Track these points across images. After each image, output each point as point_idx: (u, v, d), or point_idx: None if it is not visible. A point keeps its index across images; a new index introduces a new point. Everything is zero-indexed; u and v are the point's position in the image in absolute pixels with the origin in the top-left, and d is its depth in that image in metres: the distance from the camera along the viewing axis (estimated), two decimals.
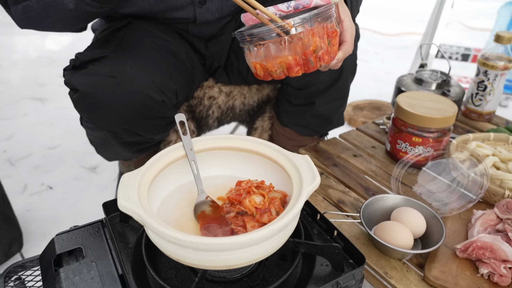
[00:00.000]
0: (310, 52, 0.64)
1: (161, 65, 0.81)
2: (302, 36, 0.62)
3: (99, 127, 0.80)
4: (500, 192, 0.73)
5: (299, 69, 0.65)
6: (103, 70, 0.74)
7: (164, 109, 0.81)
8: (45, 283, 0.56)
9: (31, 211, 1.19)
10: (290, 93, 0.97)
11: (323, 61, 0.66)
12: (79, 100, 0.76)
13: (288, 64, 0.64)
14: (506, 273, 0.60)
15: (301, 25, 0.61)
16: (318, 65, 0.66)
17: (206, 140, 0.62)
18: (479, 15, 3.30)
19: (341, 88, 0.94)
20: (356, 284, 0.54)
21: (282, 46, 0.63)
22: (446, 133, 0.87)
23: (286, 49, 0.63)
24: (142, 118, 0.79)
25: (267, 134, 1.13)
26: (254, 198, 0.53)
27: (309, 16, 0.61)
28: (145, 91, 0.76)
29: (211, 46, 0.95)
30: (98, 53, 0.77)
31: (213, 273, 0.55)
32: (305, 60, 0.64)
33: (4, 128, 1.64)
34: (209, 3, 0.85)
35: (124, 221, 0.64)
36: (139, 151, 0.92)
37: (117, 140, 0.84)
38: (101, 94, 0.74)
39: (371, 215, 0.70)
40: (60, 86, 2.05)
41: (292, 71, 0.65)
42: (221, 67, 1.00)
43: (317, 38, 0.63)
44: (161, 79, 0.79)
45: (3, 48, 2.51)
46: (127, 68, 0.75)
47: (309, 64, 0.65)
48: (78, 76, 0.75)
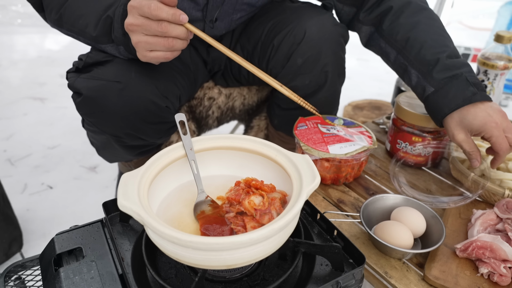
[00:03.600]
0: (341, 176, 0.82)
1: (166, 70, 0.81)
2: (341, 166, 0.79)
3: (102, 131, 0.80)
4: (500, 191, 0.73)
5: (329, 182, 0.83)
6: (107, 74, 0.74)
7: (167, 114, 0.81)
8: (45, 282, 0.56)
9: (31, 211, 1.19)
10: (279, 98, 0.98)
11: (348, 180, 0.84)
12: (82, 104, 0.75)
13: (323, 177, 0.81)
14: (506, 273, 0.60)
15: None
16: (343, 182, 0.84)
17: (206, 139, 0.62)
18: (479, 15, 3.30)
19: (328, 92, 0.92)
20: (356, 283, 0.54)
21: (324, 165, 0.79)
22: (446, 133, 0.87)
23: (325, 169, 0.80)
24: (145, 123, 0.79)
25: (263, 133, 1.13)
26: (253, 199, 0.53)
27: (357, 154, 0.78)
28: (150, 97, 0.76)
29: (213, 51, 0.95)
30: (102, 56, 0.77)
31: (213, 273, 0.55)
32: (336, 180, 0.82)
33: (4, 128, 1.64)
34: (219, 22, 0.85)
35: (124, 220, 0.64)
36: (141, 153, 0.92)
37: (119, 144, 0.83)
38: (105, 99, 0.73)
39: (371, 214, 0.70)
40: (60, 86, 2.05)
41: (324, 182, 0.83)
42: (221, 71, 1.00)
43: (349, 169, 0.81)
44: (165, 85, 0.79)
45: (3, 48, 2.51)
46: (132, 74, 0.75)
47: (337, 182, 0.83)
48: (82, 80, 0.75)
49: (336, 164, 0.78)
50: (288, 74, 0.89)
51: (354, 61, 2.38)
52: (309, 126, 0.84)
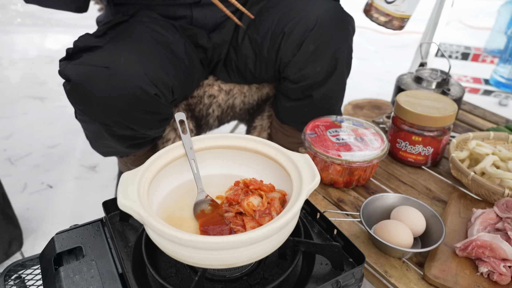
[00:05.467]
0: (354, 179, 0.81)
1: (157, 59, 0.81)
2: (354, 169, 0.79)
3: (92, 119, 0.79)
4: (499, 191, 0.73)
5: (342, 185, 0.82)
6: (96, 60, 0.74)
7: (157, 103, 0.81)
8: (45, 282, 0.56)
9: (31, 210, 1.19)
10: (288, 88, 0.97)
11: (361, 183, 0.83)
12: (71, 90, 0.75)
13: (335, 180, 0.81)
14: (506, 272, 0.60)
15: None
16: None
17: (206, 139, 0.62)
18: (479, 14, 3.30)
19: (337, 81, 0.94)
20: (355, 282, 0.54)
21: (338, 170, 0.79)
22: (446, 132, 0.87)
23: (338, 173, 0.79)
24: (134, 111, 0.78)
25: (266, 132, 1.13)
26: (252, 200, 0.53)
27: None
28: (138, 83, 0.75)
29: (214, 37, 0.95)
30: (93, 41, 0.76)
31: (213, 272, 0.55)
32: (348, 183, 0.82)
33: (4, 127, 1.64)
34: None
35: (124, 220, 0.64)
36: (133, 146, 0.91)
37: (109, 133, 0.83)
38: (93, 85, 0.73)
39: (371, 214, 0.70)
40: (60, 85, 2.03)
41: (336, 185, 0.83)
42: (221, 62, 1.00)
43: (362, 172, 0.80)
44: (155, 72, 0.79)
45: (3, 47, 2.51)
46: (121, 60, 0.74)
47: (349, 185, 0.82)
48: (71, 66, 0.74)
49: (349, 168, 0.78)
50: (299, 62, 0.90)
51: (354, 60, 2.36)
52: (319, 133, 0.83)
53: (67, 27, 2.79)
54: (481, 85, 1.74)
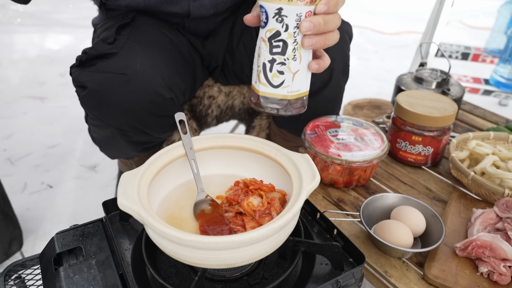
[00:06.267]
0: (354, 179, 0.81)
1: (170, 62, 0.81)
2: (354, 169, 0.79)
3: (107, 125, 0.79)
4: (499, 190, 0.73)
5: (342, 185, 0.83)
6: (112, 67, 0.74)
7: (172, 107, 0.81)
8: (45, 282, 0.56)
9: (31, 210, 1.19)
10: None
11: (361, 183, 0.83)
12: (87, 97, 0.75)
13: (335, 180, 0.81)
14: (506, 272, 0.60)
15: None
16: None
17: (206, 139, 0.62)
18: (479, 14, 3.30)
19: (333, 89, 0.92)
20: (355, 282, 0.54)
21: (338, 170, 0.79)
22: (446, 132, 0.87)
23: (338, 173, 0.79)
24: (150, 115, 0.79)
25: (265, 132, 1.13)
26: (252, 200, 0.53)
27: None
28: (155, 88, 0.76)
29: (208, 45, 0.95)
30: (107, 48, 0.77)
31: (213, 272, 0.55)
32: (348, 183, 0.82)
33: (4, 127, 1.64)
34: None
35: (124, 220, 0.64)
36: (144, 150, 0.92)
37: (124, 138, 0.83)
38: (110, 92, 0.73)
39: (371, 214, 0.70)
40: (60, 85, 2.05)
41: (336, 185, 0.83)
42: (219, 67, 1.00)
43: (362, 172, 0.80)
44: (170, 76, 0.79)
45: (3, 47, 2.51)
46: (137, 66, 0.75)
47: (349, 185, 0.82)
48: (86, 73, 0.75)
49: (349, 168, 0.78)
50: None
51: (354, 60, 2.38)
52: (319, 133, 0.83)
53: (67, 27, 2.80)
54: (481, 85, 1.74)
